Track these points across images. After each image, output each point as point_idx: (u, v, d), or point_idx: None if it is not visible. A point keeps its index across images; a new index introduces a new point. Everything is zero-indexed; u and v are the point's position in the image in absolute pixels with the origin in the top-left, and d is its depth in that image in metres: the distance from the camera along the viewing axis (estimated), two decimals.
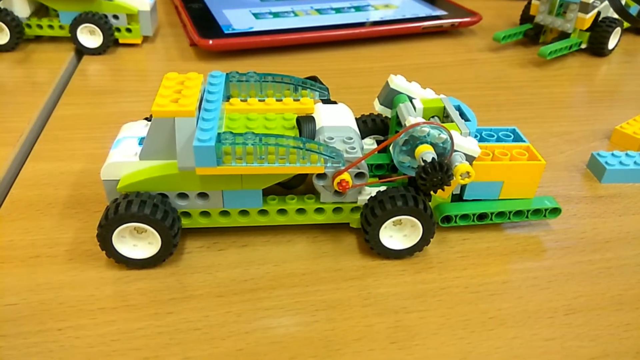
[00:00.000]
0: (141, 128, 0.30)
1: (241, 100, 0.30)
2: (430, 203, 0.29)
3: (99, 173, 0.34)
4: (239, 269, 0.28)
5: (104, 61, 0.51)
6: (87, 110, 0.42)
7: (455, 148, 0.27)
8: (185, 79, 0.28)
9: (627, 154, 0.37)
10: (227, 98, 0.30)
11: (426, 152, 0.26)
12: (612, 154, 0.37)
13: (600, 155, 0.37)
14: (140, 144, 0.29)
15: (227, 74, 0.30)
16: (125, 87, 0.47)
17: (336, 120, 0.30)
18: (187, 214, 0.28)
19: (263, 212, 0.29)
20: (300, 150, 0.26)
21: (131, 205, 0.26)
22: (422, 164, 0.25)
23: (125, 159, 0.27)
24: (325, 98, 0.32)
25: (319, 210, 0.29)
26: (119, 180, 0.27)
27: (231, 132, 0.26)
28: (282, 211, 0.29)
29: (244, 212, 0.29)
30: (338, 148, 0.28)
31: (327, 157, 0.27)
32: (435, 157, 0.26)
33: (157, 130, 0.26)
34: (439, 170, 0.25)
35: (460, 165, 0.26)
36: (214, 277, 0.27)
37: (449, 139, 0.27)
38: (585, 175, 0.37)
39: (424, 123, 0.27)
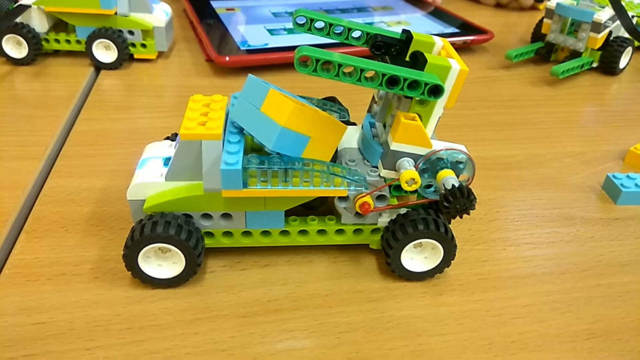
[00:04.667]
0: (165, 148, 0.31)
1: None
2: None
3: (121, 190, 0.35)
4: (262, 288, 0.28)
5: (120, 76, 0.51)
6: (106, 125, 0.43)
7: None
8: (211, 102, 0.29)
9: None
10: None
11: (448, 178, 0.26)
12: (628, 176, 0.37)
13: (616, 177, 0.37)
14: (165, 164, 0.29)
15: None
16: (142, 102, 0.47)
17: (357, 142, 0.31)
18: (210, 234, 0.29)
19: (285, 232, 0.29)
20: (325, 174, 0.27)
21: (156, 226, 0.26)
22: (444, 191, 0.26)
23: (151, 180, 0.28)
24: (346, 120, 0.33)
25: (339, 232, 0.30)
26: (144, 200, 0.28)
27: (257, 156, 0.26)
28: (303, 232, 0.30)
29: (266, 233, 0.29)
30: (360, 171, 0.28)
31: (351, 181, 0.27)
32: (457, 182, 0.26)
33: (184, 152, 0.27)
34: (461, 197, 0.25)
35: (406, 171, 0.26)
36: (237, 297, 0.28)
37: (467, 159, 0.27)
38: (600, 196, 0.37)
39: (439, 150, 0.27)
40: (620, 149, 0.43)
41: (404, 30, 0.29)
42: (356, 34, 0.29)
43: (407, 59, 0.28)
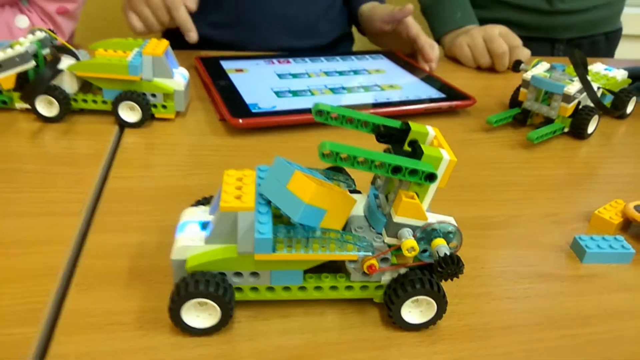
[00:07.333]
0: (200, 213, 0.36)
1: None
2: None
3: (153, 246, 0.40)
4: (283, 337, 0.33)
5: (143, 135, 0.57)
6: (134, 183, 0.48)
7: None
8: (243, 176, 0.34)
9: (603, 238, 0.43)
10: None
11: (441, 247, 0.32)
12: (591, 238, 0.43)
13: (581, 238, 0.43)
14: (201, 227, 0.34)
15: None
16: (164, 161, 0.53)
17: (363, 210, 0.37)
18: (239, 289, 0.34)
19: (302, 288, 0.35)
20: (339, 241, 0.32)
21: (199, 284, 0.31)
22: (438, 257, 0.31)
23: (192, 243, 0.33)
24: (352, 189, 0.38)
25: (348, 288, 0.35)
26: (185, 259, 0.33)
27: (284, 225, 0.32)
28: (318, 287, 0.35)
29: (286, 288, 0.34)
30: (367, 237, 0.34)
31: (360, 247, 0.33)
32: (448, 250, 0.32)
33: (222, 221, 0.32)
34: (452, 264, 0.31)
35: (407, 240, 0.32)
36: (262, 344, 0.33)
37: (456, 230, 0.33)
38: (569, 255, 0.43)
39: (433, 223, 0.33)
40: (587, 210, 0.49)
41: (403, 122, 0.35)
42: (365, 124, 0.35)
43: (406, 145, 0.34)
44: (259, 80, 0.69)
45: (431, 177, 0.31)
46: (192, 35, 0.74)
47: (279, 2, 0.90)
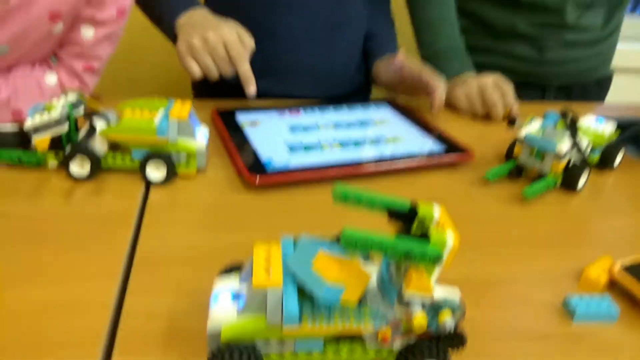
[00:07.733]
0: (231, 283, 0.40)
1: None
2: None
3: (185, 308, 0.44)
4: None
5: (168, 192, 0.61)
6: (163, 243, 0.52)
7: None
8: (270, 249, 0.39)
9: (591, 298, 0.48)
10: None
11: (447, 320, 0.36)
12: (580, 298, 0.48)
13: (572, 298, 0.48)
14: (232, 297, 0.39)
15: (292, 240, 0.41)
16: (189, 219, 0.57)
17: (377, 281, 0.41)
18: (267, 355, 0.38)
19: (323, 354, 0.39)
20: (356, 315, 0.37)
21: (233, 355, 0.36)
22: (444, 331, 0.36)
23: (225, 315, 0.37)
24: (366, 256, 0.43)
25: (364, 354, 0.39)
26: (219, 329, 0.37)
27: (308, 300, 0.36)
28: (337, 354, 0.39)
29: (308, 354, 0.39)
30: (380, 308, 0.38)
31: (375, 319, 0.37)
32: (453, 324, 0.36)
33: (253, 295, 0.37)
34: (456, 337, 0.35)
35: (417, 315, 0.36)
36: None
37: (460, 304, 0.37)
38: (561, 313, 0.48)
39: (440, 297, 0.37)
40: (578, 267, 0.53)
41: (411, 203, 0.40)
42: (378, 204, 0.40)
43: (415, 226, 0.39)
44: (272, 134, 0.74)
45: (438, 259, 0.36)
46: (252, 88, 0.77)
47: (304, 54, 0.96)
